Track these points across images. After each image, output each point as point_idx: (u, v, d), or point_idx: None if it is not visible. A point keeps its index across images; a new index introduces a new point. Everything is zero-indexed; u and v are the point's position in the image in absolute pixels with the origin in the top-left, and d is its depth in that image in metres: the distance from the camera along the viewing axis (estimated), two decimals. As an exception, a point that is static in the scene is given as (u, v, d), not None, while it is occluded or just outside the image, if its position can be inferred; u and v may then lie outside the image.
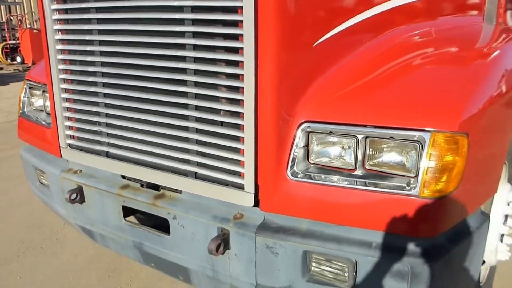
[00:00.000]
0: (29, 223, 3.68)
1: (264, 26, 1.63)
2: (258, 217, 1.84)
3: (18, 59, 15.90)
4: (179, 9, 1.79)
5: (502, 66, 1.95)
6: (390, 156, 1.67)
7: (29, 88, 2.80)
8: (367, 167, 1.70)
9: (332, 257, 1.71)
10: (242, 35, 1.66)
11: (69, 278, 2.96)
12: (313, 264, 1.76)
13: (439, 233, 1.63)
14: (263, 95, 1.69)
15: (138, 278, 2.94)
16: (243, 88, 1.71)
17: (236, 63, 1.72)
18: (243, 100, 1.72)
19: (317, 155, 1.77)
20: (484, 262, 2.45)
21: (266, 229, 1.80)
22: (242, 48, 1.67)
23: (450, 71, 1.86)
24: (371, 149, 1.69)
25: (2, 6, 14.61)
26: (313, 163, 1.78)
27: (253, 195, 1.79)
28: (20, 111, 2.81)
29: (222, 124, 1.84)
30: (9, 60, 16.14)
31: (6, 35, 16.77)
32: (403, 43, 2.08)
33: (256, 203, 1.80)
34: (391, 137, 1.63)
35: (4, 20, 14.49)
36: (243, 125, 1.75)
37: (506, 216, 2.46)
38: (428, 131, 1.58)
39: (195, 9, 1.76)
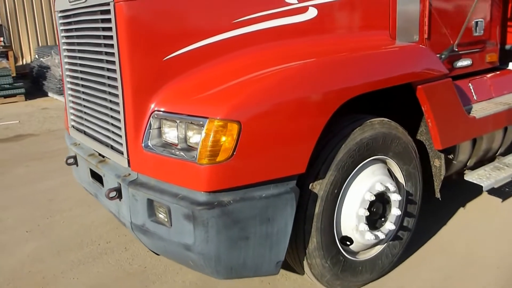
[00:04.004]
0: (92, 190, 5.08)
1: (123, 53, 2.50)
2: (135, 176, 2.70)
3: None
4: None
5: (313, 75, 2.47)
6: (195, 135, 2.38)
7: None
8: (188, 143, 2.43)
9: (160, 204, 2.48)
10: (114, 53, 2.58)
11: (93, 225, 4.22)
12: (156, 209, 2.55)
13: (214, 189, 2.27)
14: (126, 92, 2.56)
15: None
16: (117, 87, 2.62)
17: (114, 70, 2.63)
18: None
19: (165, 134, 2.55)
20: (348, 239, 2.86)
21: (134, 184, 2.64)
22: (114, 62, 2.59)
23: (250, 80, 2.44)
24: (189, 130, 2.41)
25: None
26: (164, 140, 2.57)
27: (127, 159, 2.67)
28: (66, 105, 4.12)
29: (119, 112, 2.76)
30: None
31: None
32: (239, 62, 2.64)
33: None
34: (191, 122, 2.35)
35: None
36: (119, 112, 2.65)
37: (371, 202, 2.84)
38: (207, 118, 2.26)
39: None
